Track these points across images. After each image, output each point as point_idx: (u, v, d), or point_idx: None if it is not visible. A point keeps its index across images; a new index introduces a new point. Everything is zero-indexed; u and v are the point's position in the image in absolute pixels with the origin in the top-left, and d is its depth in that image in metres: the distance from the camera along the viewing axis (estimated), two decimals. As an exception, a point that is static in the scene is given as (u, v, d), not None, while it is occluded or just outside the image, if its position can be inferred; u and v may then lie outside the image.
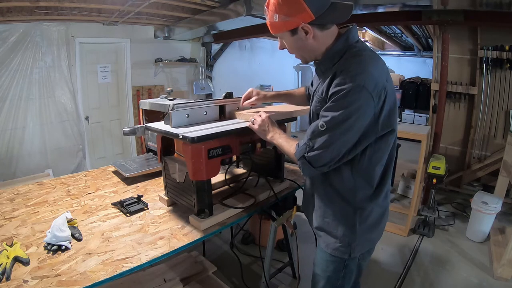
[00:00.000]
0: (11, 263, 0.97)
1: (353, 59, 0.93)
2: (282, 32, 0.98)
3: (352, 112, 0.88)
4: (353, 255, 1.07)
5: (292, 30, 0.95)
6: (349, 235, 1.06)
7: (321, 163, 0.96)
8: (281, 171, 1.64)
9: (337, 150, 0.94)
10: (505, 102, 3.35)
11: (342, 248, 1.07)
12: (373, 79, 0.88)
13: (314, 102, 1.05)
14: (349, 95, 0.87)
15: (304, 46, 0.99)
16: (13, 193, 1.62)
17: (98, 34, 3.75)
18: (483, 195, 2.66)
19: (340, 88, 0.88)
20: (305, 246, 2.31)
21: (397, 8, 2.60)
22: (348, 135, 0.91)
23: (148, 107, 1.89)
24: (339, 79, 0.90)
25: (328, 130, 0.91)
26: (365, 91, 0.87)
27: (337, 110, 0.89)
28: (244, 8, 2.77)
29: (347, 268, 1.10)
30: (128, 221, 1.31)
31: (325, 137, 0.92)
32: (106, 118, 4.16)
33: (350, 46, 0.97)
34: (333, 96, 0.91)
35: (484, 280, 2.17)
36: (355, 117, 0.88)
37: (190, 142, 1.10)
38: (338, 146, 0.93)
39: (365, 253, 1.13)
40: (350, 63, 0.92)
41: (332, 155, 0.94)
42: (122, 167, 1.88)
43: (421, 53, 6.64)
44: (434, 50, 3.70)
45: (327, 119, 0.91)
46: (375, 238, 1.13)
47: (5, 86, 3.15)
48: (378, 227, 1.11)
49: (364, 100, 0.87)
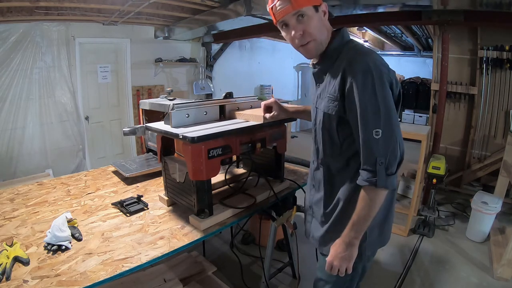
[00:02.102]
0: (11, 263, 0.97)
1: (356, 51, 0.94)
2: (307, 7, 0.93)
3: (385, 94, 0.88)
4: (364, 256, 1.05)
5: (316, 7, 0.94)
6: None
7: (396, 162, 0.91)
8: (281, 171, 1.64)
9: (399, 137, 0.91)
10: (505, 102, 3.35)
11: None
12: (384, 64, 0.91)
13: (325, 102, 1.00)
14: (374, 81, 0.87)
15: (322, 28, 0.97)
16: (13, 193, 1.62)
17: (98, 34, 3.75)
18: (483, 195, 2.66)
19: (359, 78, 0.88)
20: (305, 246, 2.31)
21: (397, 8, 2.61)
22: (395, 117, 0.91)
23: (148, 107, 1.89)
24: (352, 71, 0.89)
25: (383, 125, 0.88)
26: (384, 74, 0.88)
27: (375, 102, 0.87)
28: (244, 8, 2.77)
29: (354, 271, 1.06)
30: (128, 221, 1.31)
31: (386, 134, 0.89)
32: (106, 118, 4.16)
33: (346, 43, 0.99)
34: (356, 89, 0.88)
35: (484, 280, 2.17)
36: (389, 98, 0.89)
37: (190, 142, 1.10)
38: (396, 132, 0.90)
39: (370, 255, 1.11)
40: (355, 54, 0.93)
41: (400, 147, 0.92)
42: (122, 167, 1.88)
43: (421, 53, 6.64)
44: (434, 50, 3.69)
45: (374, 120, 0.88)
46: (385, 237, 1.11)
47: (5, 86, 3.15)
48: (386, 226, 1.09)
49: (387, 80, 0.89)
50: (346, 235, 0.98)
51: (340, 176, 1.05)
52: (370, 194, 0.92)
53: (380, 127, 0.87)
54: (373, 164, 0.89)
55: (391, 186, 0.91)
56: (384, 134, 0.88)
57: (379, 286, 2.13)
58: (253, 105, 1.61)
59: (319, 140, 1.08)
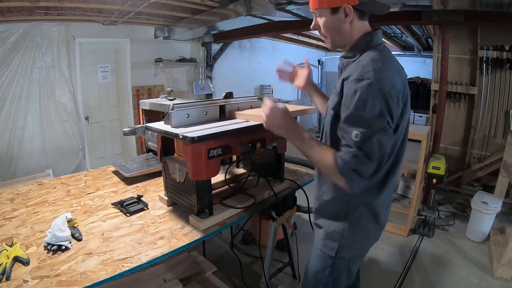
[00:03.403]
0: (11, 263, 0.97)
1: (373, 56, 0.93)
2: (323, 8, 0.96)
3: (373, 107, 0.86)
4: (339, 255, 1.07)
5: (334, 9, 0.94)
6: (340, 234, 1.06)
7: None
8: (281, 171, 1.64)
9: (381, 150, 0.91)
10: (505, 102, 3.35)
11: (330, 244, 1.08)
12: (392, 79, 0.88)
13: (331, 97, 1.02)
14: (368, 92, 0.85)
15: (339, 29, 0.97)
16: (13, 193, 1.62)
17: (98, 34, 3.75)
18: (483, 195, 2.66)
19: (358, 84, 0.87)
20: (305, 246, 2.31)
21: (397, 8, 2.60)
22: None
23: (148, 107, 1.89)
24: (355, 73, 0.89)
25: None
26: (384, 89, 0.85)
27: (358, 111, 0.87)
28: (244, 8, 2.76)
29: (333, 267, 1.09)
30: (128, 221, 1.31)
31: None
32: (106, 118, 4.16)
33: (372, 46, 0.97)
34: (346, 91, 0.90)
35: (484, 280, 2.17)
36: (375, 113, 0.87)
37: (190, 142, 1.10)
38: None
39: (356, 256, 1.12)
40: (370, 59, 0.91)
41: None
42: (122, 167, 1.88)
43: (421, 53, 6.63)
44: (434, 50, 3.70)
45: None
46: (365, 244, 1.12)
47: (5, 86, 3.15)
48: (369, 234, 1.09)
49: (382, 99, 0.85)
50: (291, 128, 1.01)
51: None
52: (330, 164, 0.90)
53: (362, 132, 0.86)
54: (347, 155, 0.87)
55: (351, 184, 0.88)
56: (372, 141, 0.86)
57: (379, 286, 2.13)
58: (253, 105, 1.61)
59: (325, 133, 1.07)
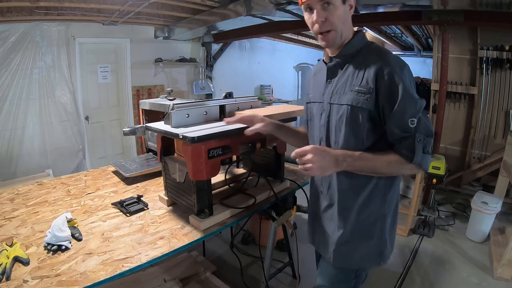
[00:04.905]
0: (11, 263, 0.97)
1: (382, 49, 0.98)
2: None
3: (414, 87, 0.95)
4: (384, 262, 1.04)
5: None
6: (380, 243, 1.02)
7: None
8: (281, 171, 1.64)
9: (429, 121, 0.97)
10: (505, 102, 3.35)
11: (375, 257, 1.04)
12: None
13: (353, 96, 0.95)
14: (411, 75, 0.95)
15: (345, 21, 0.97)
16: (13, 193, 1.62)
17: (98, 34, 3.74)
18: (483, 195, 2.66)
19: (398, 71, 0.91)
20: (305, 246, 2.31)
21: (397, 8, 2.61)
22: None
23: (148, 107, 1.89)
24: (390, 65, 0.91)
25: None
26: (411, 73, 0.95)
27: (413, 93, 0.92)
28: (244, 8, 2.76)
29: (358, 278, 1.06)
30: (128, 221, 1.31)
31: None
32: (106, 118, 4.16)
33: (367, 43, 1.01)
34: (397, 80, 0.91)
35: (484, 280, 2.17)
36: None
37: (190, 142, 1.10)
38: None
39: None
40: (385, 52, 0.96)
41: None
42: (122, 167, 1.87)
43: (421, 53, 6.63)
44: (434, 50, 3.70)
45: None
46: (395, 238, 1.10)
47: (5, 86, 3.15)
48: (395, 227, 1.09)
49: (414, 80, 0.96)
50: (343, 155, 0.92)
51: (358, 179, 0.99)
52: (400, 162, 0.92)
53: (416, 116, 0.90)
54: (411, 144, 0.90)
55: (425, 165, 0.93)
56: (421, 120, 0.91)
57: (379, 286, 2.13)
58: (253, 105, 1.61)
59: (337, 139, 1.00)
